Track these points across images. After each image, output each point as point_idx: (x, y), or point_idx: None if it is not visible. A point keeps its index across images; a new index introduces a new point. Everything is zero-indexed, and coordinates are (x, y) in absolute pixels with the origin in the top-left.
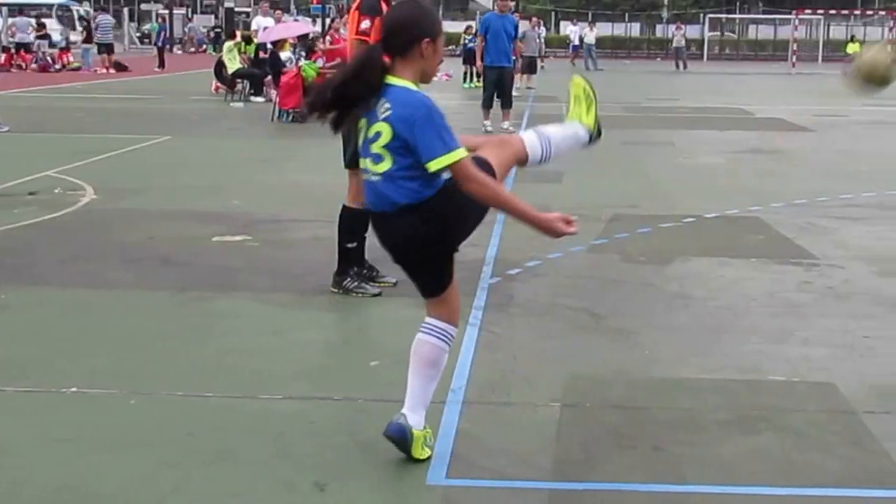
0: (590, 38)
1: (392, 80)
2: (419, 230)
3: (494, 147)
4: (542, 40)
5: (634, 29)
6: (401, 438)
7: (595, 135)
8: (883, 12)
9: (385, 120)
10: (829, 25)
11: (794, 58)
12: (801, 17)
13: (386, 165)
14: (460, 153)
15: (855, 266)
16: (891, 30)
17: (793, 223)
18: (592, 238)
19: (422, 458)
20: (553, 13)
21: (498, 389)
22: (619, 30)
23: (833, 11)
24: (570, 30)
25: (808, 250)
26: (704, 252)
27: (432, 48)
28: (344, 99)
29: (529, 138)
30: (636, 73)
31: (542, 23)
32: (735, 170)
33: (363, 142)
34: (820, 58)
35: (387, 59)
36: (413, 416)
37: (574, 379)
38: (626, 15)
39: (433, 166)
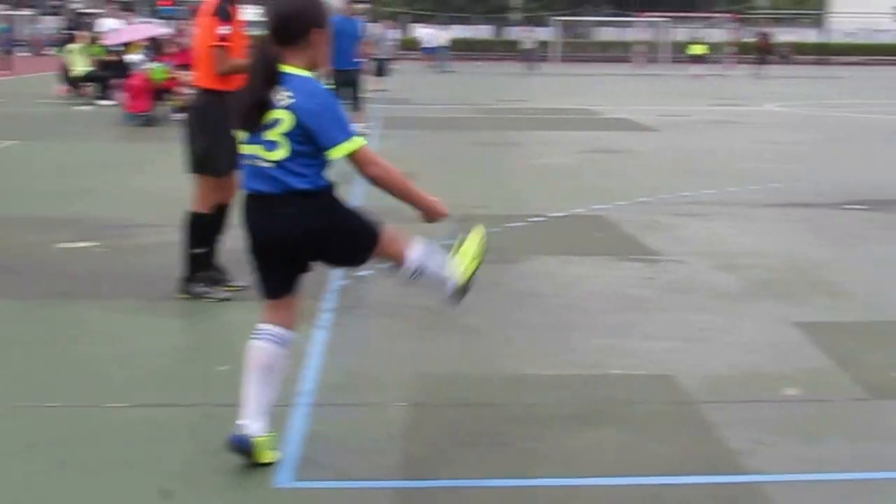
0: (442, 40)
1: (287, 68)
2: (308, 218)
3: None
4: (397, 42)
5: (485, 31)
6: (244, 449)
7: (460, 292)
8: (727, 14)
9: (287, 108)
10: (673, 28)
11: (641, 59)
12: (646, 19)
13: (281, 154)
14: (360, 140)
15: (695, 261)
16: (733, 31)
17: (637, 221)
18: (442, 238)
19: (269, 462)
20: (405, 15)
21: (347, 391)
22: (469, 32)
23: (677, 14)
24: (422, 32)
25: (651, 247)
26: (552, 251)
27: (321, 37)
28: (262, 101)
29: (417, 254)
30: (487, 74)
31: (394, 25)
32: (582, 170)
33: None
34: (665, 59)
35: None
36: (254, 424)
37: (422, 378)
38: (476, 17)
39: (336, 153)
